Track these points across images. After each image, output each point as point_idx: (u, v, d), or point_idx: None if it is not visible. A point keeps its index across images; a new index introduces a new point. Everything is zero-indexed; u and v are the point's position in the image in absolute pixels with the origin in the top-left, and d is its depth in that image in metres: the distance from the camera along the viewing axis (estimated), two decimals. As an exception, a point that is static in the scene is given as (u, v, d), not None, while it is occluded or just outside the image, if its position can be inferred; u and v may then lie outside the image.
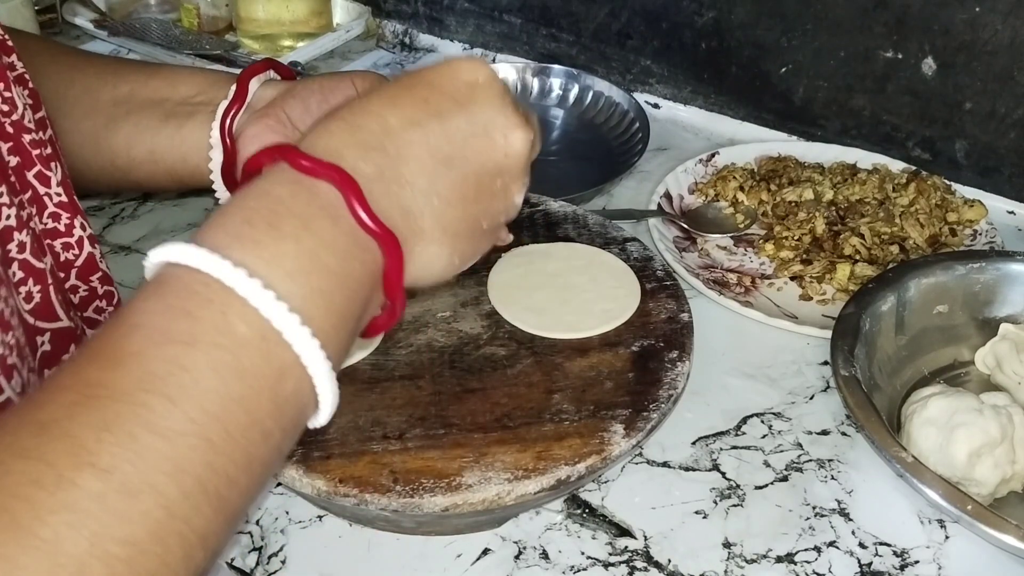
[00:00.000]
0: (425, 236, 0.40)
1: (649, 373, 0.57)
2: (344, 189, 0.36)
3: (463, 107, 0.41)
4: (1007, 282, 0.67)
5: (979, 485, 0.56)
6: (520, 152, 0.43)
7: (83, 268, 0.47)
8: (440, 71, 0.42)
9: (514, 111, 0.42)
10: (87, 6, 1.08)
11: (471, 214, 0.42)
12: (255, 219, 0.34)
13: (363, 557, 0.53)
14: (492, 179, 0.42)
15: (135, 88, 0.58)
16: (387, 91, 0.41)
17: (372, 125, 0.39)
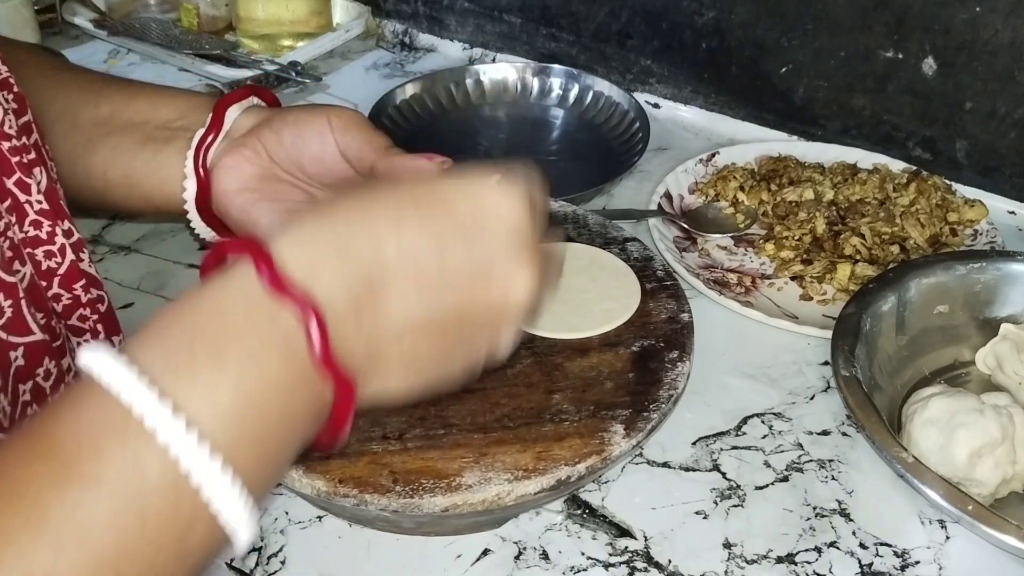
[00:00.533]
0: (387, 372, 0.37)
1: (649, 373, 0.57)
2: (308, 324, 0.33)
3: (471, 240, 0.38)
4: (1008, 282, 0.67)
5: (980, 485, 0.56)
6: (519, 299, 0.39)
7: (66, 276, 0.46)
8: (462, 192, 0.39)
9: (526, 253, 0.39)
10: (87, 6, 1.08)
11: (444, 353, 0.39)
12: (199, 344, 0.32)
13: (363, 557, 0.53)
14: (479, 321, 0.39)
15: (117, 108, 0.57)
16: (395, 200, 0.37)
17: (364, 250, 0.36)
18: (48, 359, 0.43)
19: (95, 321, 0.48)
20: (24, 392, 0.42)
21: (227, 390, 0.31)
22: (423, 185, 0.39)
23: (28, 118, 0.47)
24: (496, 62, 1.01)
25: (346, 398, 0.35)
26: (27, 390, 0.42)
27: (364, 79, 1.02)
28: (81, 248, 0.48)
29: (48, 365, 0.43)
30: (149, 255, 0.75)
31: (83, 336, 0.48)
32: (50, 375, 0.43)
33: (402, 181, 0.40)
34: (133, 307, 0.70)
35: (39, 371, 0.43)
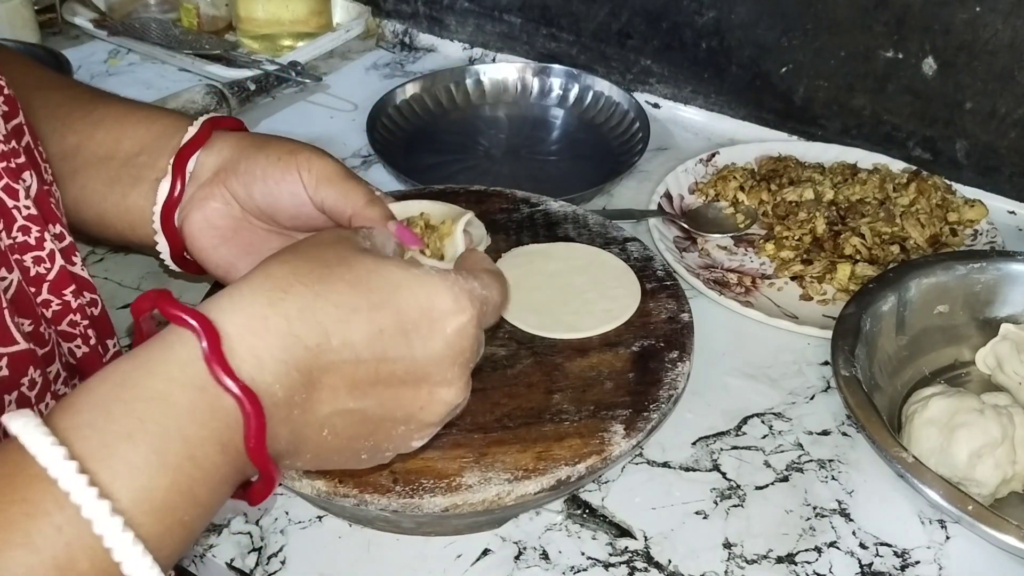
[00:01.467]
0: (297, 458, 0.39)
1: (649, 373, 0.57)
2: (248, 424, 0.34)
3: (412, 348, 0.38)
4: (1008, 282, 0.67)
5: (980, 485, 0.56)
6: (438, 412, 0.41)
7: (56, 282, 0.46)
8: (416, 296, 0.39)
9: (458, 370, 0.40)
10: (87, 6, 1.08)
11: (354, 448, 0.40)
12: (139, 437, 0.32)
13: (363, 557, 0.53)
14: (394, 425, 0.40)
15: (81, 141, 0.55)
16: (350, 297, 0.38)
17: (311, 341, 0.36)
18: (33, 369, 0.42)
19: (86, 326, 0.47)
20: (10, 403, 0.41)
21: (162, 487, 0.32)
22: (379, 276, 0.39)
23: (19, 120, 0.47)
24: (496, 62, 1.01)
25: (267, 483, 0.37)
26: (12, 400, 0.41)
27: (364, 79, 1.02)
28: (73, 252, 0.47)
29: (33, 375, 0.42)
30: (149, 255, 0.75)
31: (74, 341, 0.47)
32: (35, 384, 0.42)
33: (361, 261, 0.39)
34: (133, 307, 0.70)
35: (24, 381, 0.42)
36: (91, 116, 0.56)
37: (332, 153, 0.53)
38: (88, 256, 0.75)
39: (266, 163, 0.51)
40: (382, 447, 0.41)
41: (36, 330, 0.44)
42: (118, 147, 0.55)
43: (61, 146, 0.55)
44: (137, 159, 0.55)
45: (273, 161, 0.51)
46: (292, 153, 0.51)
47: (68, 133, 0.56)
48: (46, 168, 0.49)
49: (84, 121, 0.56)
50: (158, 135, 0.55)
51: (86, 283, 0.48)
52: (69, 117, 0.56)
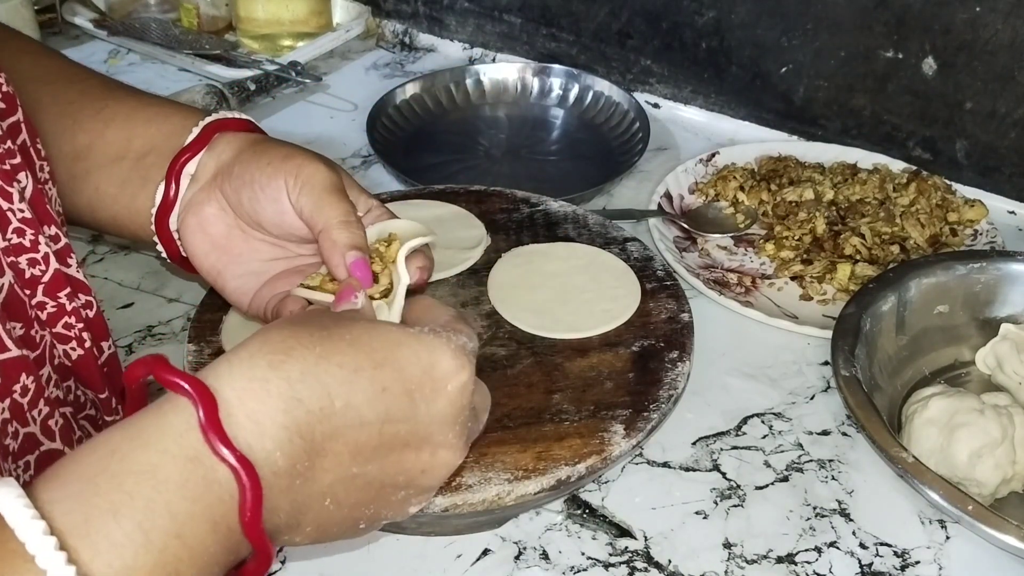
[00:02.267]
0: (297, 532, 0.37)
1: (649, 373, 0.57)
2: (244, 496, 0.33)
3: (415, 408, 0.38)
4: (1008, 282, 0.67)
5: (980, 485, 0.56)
6: (439, 475, 0.40)
7: (50, 284, 0.45)
8: (418, 356, 0.38)
9: (458, 431, 0.40)
10: (87, 6, 1.08)
11: (355, 518, 0.39)
12: (124, 512, 0.31)
13: (363, 557, 0.53)
14: (395, 490, 0.39)
15: (93, 140, 0.55)
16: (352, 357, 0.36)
17: (314, 404, 0.35)
18: (26, 375, 0.42)
19: (80, 329, 0.47)
20: (2, 410, 0.41)
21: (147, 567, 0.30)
22: (379, 335, 0.38)
23: (16, 118, 0.46)
24: (496, 62, 1.01)
25: (262, 562, 0.35)
26: (5, 408, 0.41)
27: (364, 79, 1.02)
28: (68, 254, 0.47)
29: (26, 381, 0.42)
30: (149, 255, 0.75)
31: (68, 343, 0.47)
32: (27, 391, 0.42)
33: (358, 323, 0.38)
34: (133, 307, 0.70)
35: (16, 388, 0.41)
36: (102, 114, 0.55)
37: (332, 153, 0.52)
38: (88, 256, 0.75)
39: (256, 168, 0.50)
40: (380, 514, 0.40)
41: (27, 333, 0.44)
42: (129, 147, 0.55)
43: (73, 146, 0.55)
44: (146, 159, 0.54)
45: (263, 166, 0.50)
46: (285, 159, 0.49)
47: (79, 132, 0.55)
48: (41, 166, 0.48)
49: (94, 120, 0.55)
50: (168, 135, 0.54)
51: (81, 285, 0.48)
52: (80, 115, 0.55)
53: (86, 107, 0.56)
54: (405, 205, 0.70)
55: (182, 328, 0.68)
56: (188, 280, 0.72)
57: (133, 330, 0.68)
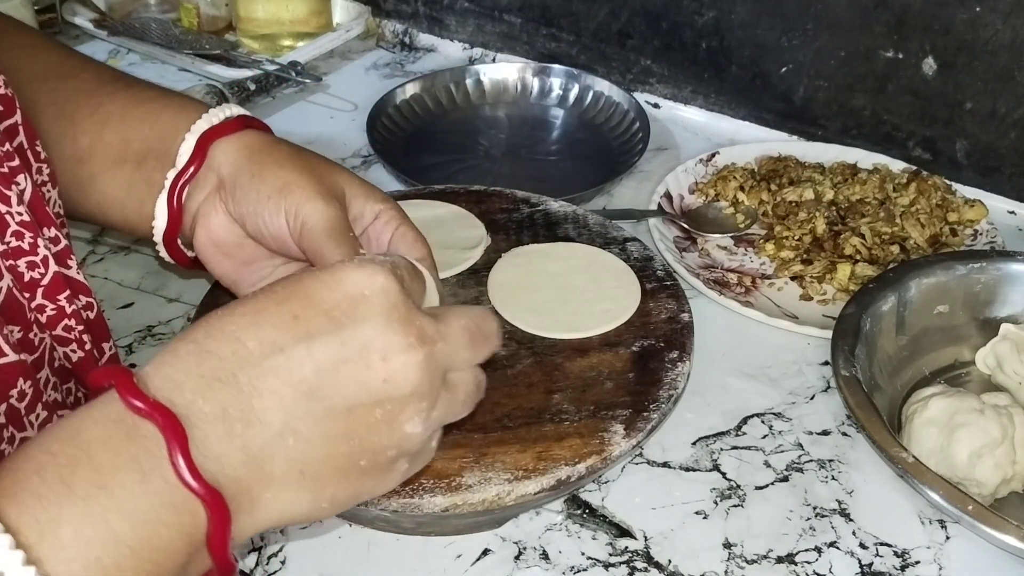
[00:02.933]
0: (276, 482, 0.35)
1: (649, 373, 0.57)
2: (168, 438, 0.32)
3: (339, 326, 0.36)
4: (1008, 282, 0.67)
5: (980, 485, 0.56)
6: (405, 378, 0.36)
7: (50, 287, 0.45)
8: (322, 281, 0.37)
9: (402, 328, 0.36)
10: (87, 6, 1.08)
11: (340, 453, 0.36)
12: (48, 468, 0.31)
13: (363, 557, 0.53)
14: (368, 411, 0.36)
15: (92, 142, 0.54)
16: (253, 303, 0.36)
17: (225, 351, 0.35)
18: (23, 380, 0.42)
19: (80, 331, 0.47)
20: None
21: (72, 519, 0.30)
22: (282, 282, 0.37)
23: (15, 120, 0.46)
24: (496, 62, 1.01)
25: (220, 521, 0.33)
26: (1, 412, 0.41)
27: (364, 79, 1.02)
28: (68, 255, 0.47)
29: (23, 386, 0.42)
30: (149, 255, 0.75)
31: (69, 346, 0.47)
32: (24, 396, 0.42)
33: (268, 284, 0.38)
34: (133, 307, 0.70)
35: (13, 392, 0.41)
36: (97, 114, 0.55)
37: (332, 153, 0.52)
38: (88, 256, 0.75)
39: (257, 199, 0.50)
40: (373, 443, 0.37)
41: (25, 336, 0.44)
42: (127, 148, 0.54)
43: (74, 148, 0.54)
44: (146, 163, 0.54)
45: (263, 199, 0.49)
46: (283, 193, 0.49)
47: (79, 135, 0.54)
48: (39, 168, 0.48)
49: (91, 120, 0.55)
50: (161, 136, 0.54)
51: (81, 287, 0.48)
52: (76, 115, 0.55)
53: (82, 106, 0.55)
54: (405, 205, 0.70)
55: (182, 328, 0.68)
56: (188, 280, 0.72)
57: (133, 330, 0.68)
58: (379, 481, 0.39)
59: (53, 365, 0.46)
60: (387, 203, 0.53)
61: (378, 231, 0.52)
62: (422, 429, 0.38)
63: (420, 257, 0.51)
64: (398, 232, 0.52)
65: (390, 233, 0.52)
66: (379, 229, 0.52)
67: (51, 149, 0.52)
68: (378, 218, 0.52)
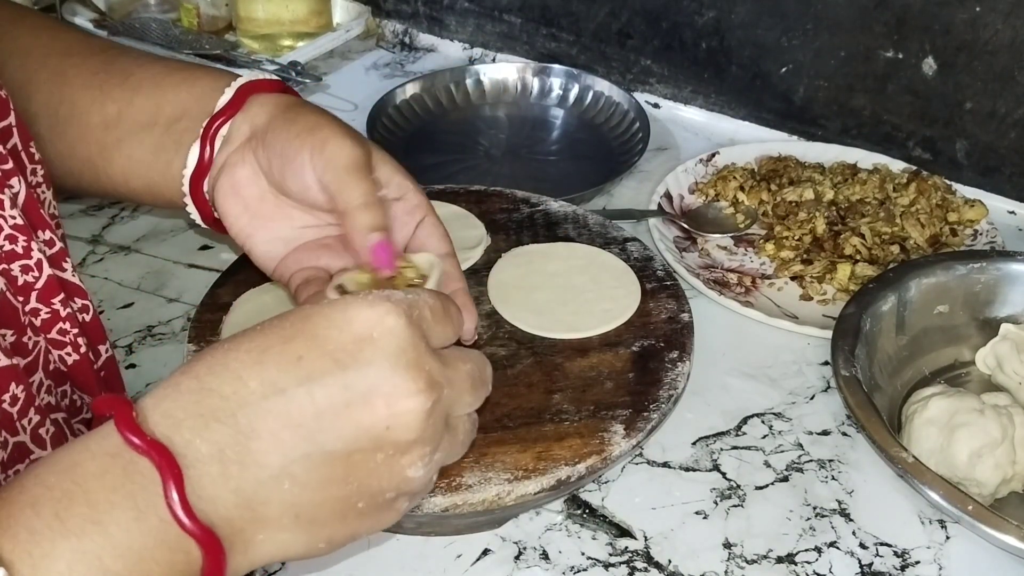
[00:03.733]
0: (270, 524, 0.35)
1: (649, 373, 0.57)
2: (164, 477, 0.32)
3: (343, 369, 0.35)
4: (1008, 282, 0.67)
5: (980, 485, 0.56)
6: (410, 425, 0.36)
7: (44, 290, 0.45)
8: (331, 319, 0.36)
9: (408, 374, 0.36)
10: (87, 6, 1.08)
11: (337, 496, 0.36)
12: (43, 502, 0.31)
13: (363, 557, 0.53)
14: (368, 456, 0.36)
15: (122, 108, 0.54)
16: (260, 339, 0.36)
17: (226, 389, 0.34)
18: (15, 385, 0.41)
19: (76, 334, 0.46)
20: None
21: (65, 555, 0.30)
22: (290, 317, 0.37)
23: (8, 122, 0.46)
24: (496, 62, 1.01)
25: (214, 556, 0.33)
26: None
27: (364, 79, 1.02)
28: (63, 258, 0.47)
29: (15, 391, 0.41)
30: (149, 255, 0.75)
31: (64, 349, 0.46)
32: (17, 400, 0.42)
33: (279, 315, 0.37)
34: (133, 307, 0.70)
35: (5, 397, 0.41)
36: (129, 81, 0.54)
37: None
38: (87, 256, 0.75)
39: (285, 139, 0.49)
40: (372, 486, 0.36)
41: (19, 340, 0.44)
42: (159, 112, 0.54)
43: (102, 115, 0.54)
44: (179, 124, 0.53)
45: (291, 138, 0.49)
46: (311, 131, 0.48)
47: (107, 102, 0.54)
48: (34, 170, 0.48)
49: (122, 88, 0.54)
50: (199, 97, 0.53)
51: (77, 289, 0.47)
52: (106, 84, 0.54)
53: (112, 76, 0.55)
54: None
55: (182, 328, 0.68)
56: (190, 280, 0.72)
57: (133, 330, 0.68)
58: (377, 520, 0.38)
59: (47, 369, 0.45)
60: (415, 185, 0.52)
61: (402, 217, 0.51)
62: (424, 473, 0.38)
63: (446, 253, 0.50)
64: (425, 223, 0.51)
65: (415, 223, 0.51)
66: (404, 213, 0.51)
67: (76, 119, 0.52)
68: (404, 198, 0.51)
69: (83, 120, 0.54)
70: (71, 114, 0.52)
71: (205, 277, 0.71)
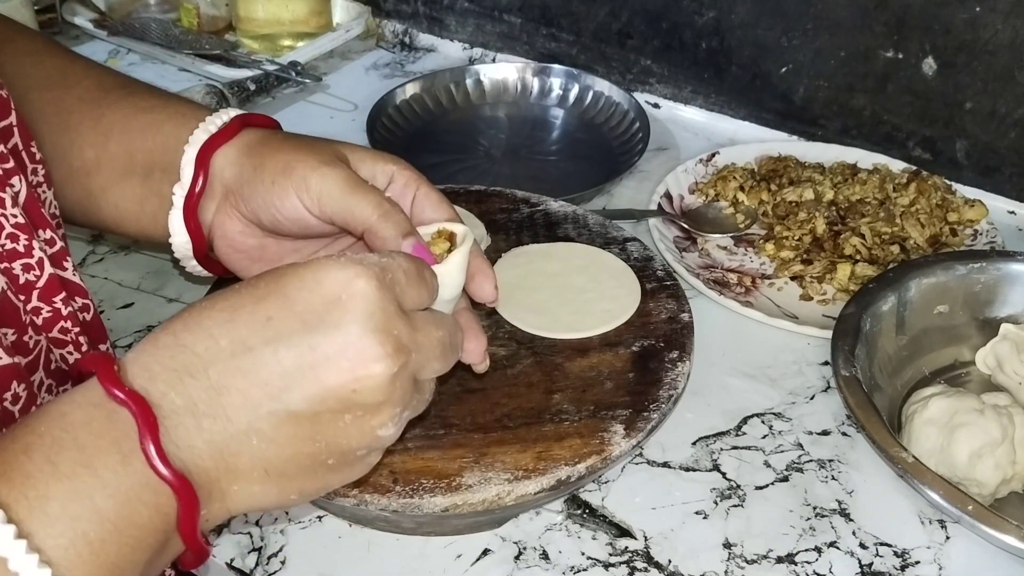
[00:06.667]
0: (241, 476, 0.36)
1: (649, 373, 0.57)
2: (141, 424, 0.34)
3: (310, 331, 0.36)
4: (1008, 282, 0.67)
5: (980, 485, 0.56)
6: (376, 388, 0.36)
7: (45, 289, 0.45)
8: (302, 279, 0.37)
9: (376, 338, 0.36)
10: (87, 6, 1.08)
11: (304, 453, 0.37)
12: (35, 448, 0.33)
13: (363, 557, 0.53)
14: (336, 416, 0.37)
15: (99, 154, 0.54)
16: (234, 298, 0.37)
17: (199, 346, 0.36)
18: (17, 383, 0.42)
19: (77, 333, 0.46)
20: None
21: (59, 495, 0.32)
22: (265, 277, 0.38)
23: (9, 121, 0.46)
24: (496, 62, 1.01)
25: (188, 507, 0.35)
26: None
27: (364, 79, 1.02)
28: (64, 257, 0.47)
29: (17, 389, 0.42)
30: (149, 255, 0.75)
31: (65, 347, 0.46)
32: (19, 399, 0.42)
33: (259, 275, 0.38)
34: (133, 307, 0.70)
35: (7, 396, 0.41)
36: (100, 125, 0.54)
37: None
38: (87, 256, 0.75)
39: (263, 189, 0.49)
40: (342, 445, 0.37)
41: (20, 339, 0.44)
42: (132, 160, 0.53)
43: (82, 161, 0.54)
44: (152, 177, 0.53)
45: (268, 186, 0.48)
46: (286, 174, 0.48)
47: (84, 147, 0.54)
48: (35, 169, 0.48)
49: (94, 132, 0.54)
50: (164, 149, 0.52)
51: (78, 288, 0.48)
52: (80, 127, 0.54)
53: (86, 117, 0.54)
54: None
55: (182, 328, 0.68)
56: (188, 280, 0.72)
57: (133, 330, 0.68)
58: (348, 474, 0.40)
59: (49, 368, 0.46)
60: (399, 164, 0.51)
61: (397, 195, 0.50)
62: (394, 431, 0.39)
63: (448, 218, 0.49)
64: (420, 193, 0.50)
65: (411, 196, 0.50)
66: (398, 192, 0.50)
67: (58, 160, 0.52)
68: (394, 181, 0.50)
69: (66, 163, 0.53)
70: (54, 155, 0.52)
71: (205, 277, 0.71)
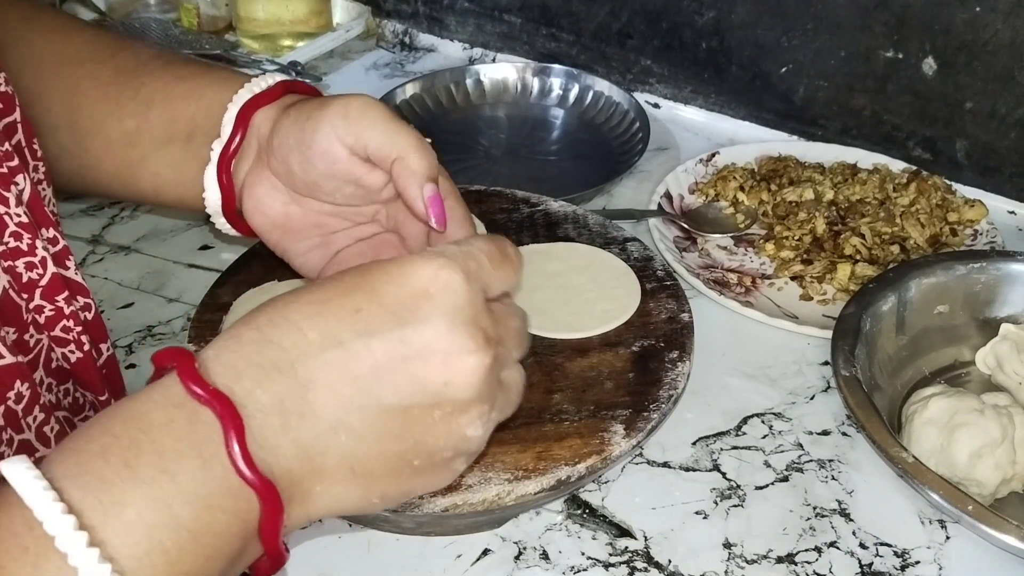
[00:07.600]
0: (327, 476, 0.35)
1: (649, 373, 0.57)
2: (226, 427, 0.32)
3: (401, 324, 0.35)
4: (1008, 282, 0.67)
5: (980, 485, 0.56)
6: (466, 382, 0.36)
7: (48, 288, 0.45)
8: (389, 274, 0.36)
9: (466, 331, 0.36)
10: (87, 5, 1.08)
11: (392, 451, 0.36)
12: (112, 451, 0.31)
13: (363, 557, 0.53)
14: (426, 412, 0.36)
15: (139, 124, 0.54)
16: (319, 292, 0.36)
17: (286, 341, 0.34)
18: (20, 382, 0.41)
19: (79, 332, 0.46)
20: None
21: (136, 502, 0.30)
22: (350, 272, 0.37)
23: (14, 117, 0.46)
24: (496, 62, 1.01)
25: (272, 512, 0.33)
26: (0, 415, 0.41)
27: (364, 79, 1.02)
28: (67, 256, 0.47)
29: (20, 388, 0.41)
30: (149, 255, 0.75)
31: (67, 347, 0.46)
32: (22, 398, 0.42)
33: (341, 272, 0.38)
34: (133, 307, 0.70)
35: (10, 395, 0.41)
36: (140, 95, 0.54)
37: None
38: (87, 256, 0.75)
39: (296, 129, 0.48)
40: (429, 444, 0.36)
41: (21, 338, 0.44)
42: (174, 128, 0.54)
43: (121, 131, 0.54)
44: (194, 141, 0.53)
45: (302, 123, 0.48)
46: (323, 107, 0.47)
47: (124, 117, 0.54)
48: (36, 167, 0.48)
49: (135, 102, 0.54)
50: (206, 114, 0.53)
51: (80, 288, 0.48)
52: (120, 97, 0.54)
53: (124, 88, 0.54)
54: None
55: (182, 328, 0.68)
56: (190, 280, 0.72)
57: (133, 330, 0.68)
58: (433, 479, 0.38)
59: (49, 366, 0.46)
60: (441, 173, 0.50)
61: None
62: (482, 432, 0.38)
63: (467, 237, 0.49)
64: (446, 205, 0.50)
65: None
66: None
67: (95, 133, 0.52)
68: None
69: (103, 135, 0.53)
70: (90, 128, 0.52)
71: (205, 277, 0.71)
